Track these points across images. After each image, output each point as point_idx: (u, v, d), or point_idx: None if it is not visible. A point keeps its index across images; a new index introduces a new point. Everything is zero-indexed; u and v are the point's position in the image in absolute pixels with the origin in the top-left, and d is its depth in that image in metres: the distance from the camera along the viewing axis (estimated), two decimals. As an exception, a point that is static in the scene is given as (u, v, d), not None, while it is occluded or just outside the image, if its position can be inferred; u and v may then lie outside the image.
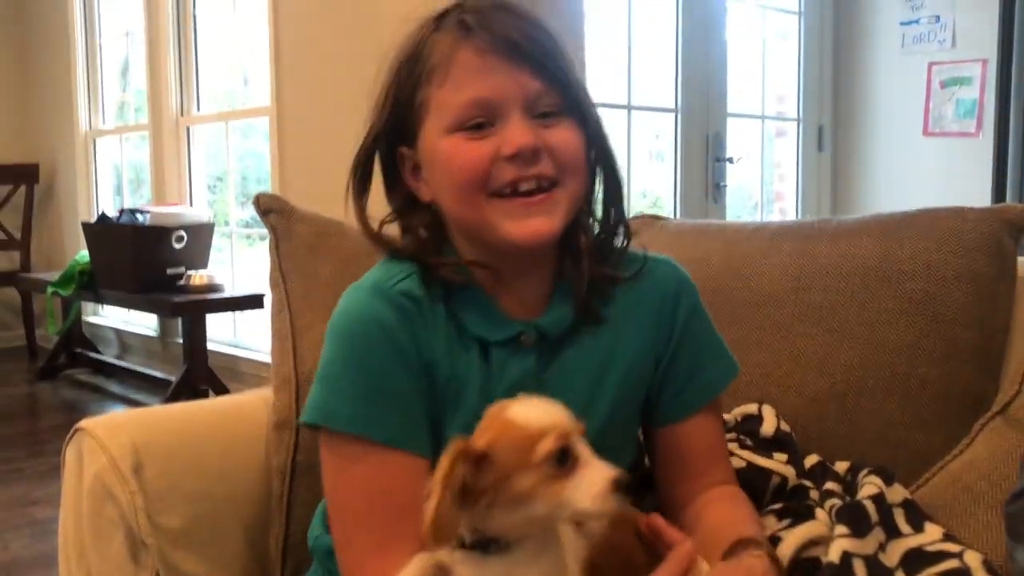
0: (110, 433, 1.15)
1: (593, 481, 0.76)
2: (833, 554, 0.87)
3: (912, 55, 4.11)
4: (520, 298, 0.96)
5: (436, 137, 0.91)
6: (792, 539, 0.94)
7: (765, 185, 4.40)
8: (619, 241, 1.01)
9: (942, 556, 0.89)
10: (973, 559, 0.87)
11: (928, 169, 4.01)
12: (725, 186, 4.00)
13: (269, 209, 1.38)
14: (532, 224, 0.90)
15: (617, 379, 0.97)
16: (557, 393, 0.85)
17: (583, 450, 0.78)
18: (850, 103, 4.35)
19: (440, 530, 0.73)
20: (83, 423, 1.18)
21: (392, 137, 0.96)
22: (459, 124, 0.89)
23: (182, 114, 4.53)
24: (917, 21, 4.10)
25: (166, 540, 1.11)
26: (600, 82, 3.56)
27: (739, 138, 4.11)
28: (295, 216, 1.39)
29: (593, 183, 0.98)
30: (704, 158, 3.91)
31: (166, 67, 4.47)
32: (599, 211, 1.00)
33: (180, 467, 1.16)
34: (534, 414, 0.78)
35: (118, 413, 1.23)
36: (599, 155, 0.97)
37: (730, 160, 3.99)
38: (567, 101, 0.91)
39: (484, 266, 0.94)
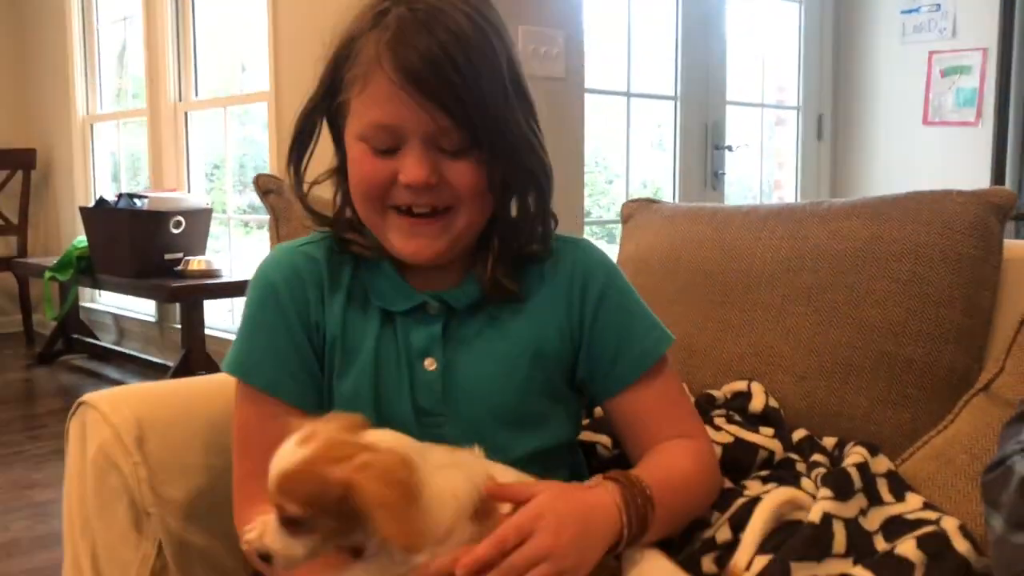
0: (113, 406, 1.19)
1: None
2: (814, 515, 0.91)
3: (912, 44, 4.14)
4: (427, 277, 1.02)
5: (351, 136, 0.96)
6: (771, 498, 0.98)
7: (764, 174, 4.44)
8: (539, 235, 1.03)
9: (920, 523, 0.93)
10: (950, 524, 0.91)
11: (928, 158, 4.05)
12: (724, 174, 4.03)
13: (268, 190, 1.41)
14: (416, 244, 0.96)
15: (529, 356, 1.01)
16: (462, 362, 0.97)
17: None
18: (850, 92, 4.38)
19: None
20: (86, 396, 1.21)
21: (326, 101, 1.00)
22: (366, 139, 0.94)
23: (180, 100, 4.56)
24: (918, 10, 4.13)
25: (168, 511, 1.15)
26: (599, 69, 3.59)
27: (739, 126, 4.15)
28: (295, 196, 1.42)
29: (515, 192, 1.00)
30: (703, 146, 3.95)
31: (164, 52, 4.50)
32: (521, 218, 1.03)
33: (182, 440, 1.19)
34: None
35: (121, 388, 1.26)
36: (519, 176, 0.97)
37: (729, 148, 4.03)
38: (473, 137, 0.92)
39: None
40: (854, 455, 1.01)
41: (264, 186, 1.40)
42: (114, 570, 1.15)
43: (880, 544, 0.92)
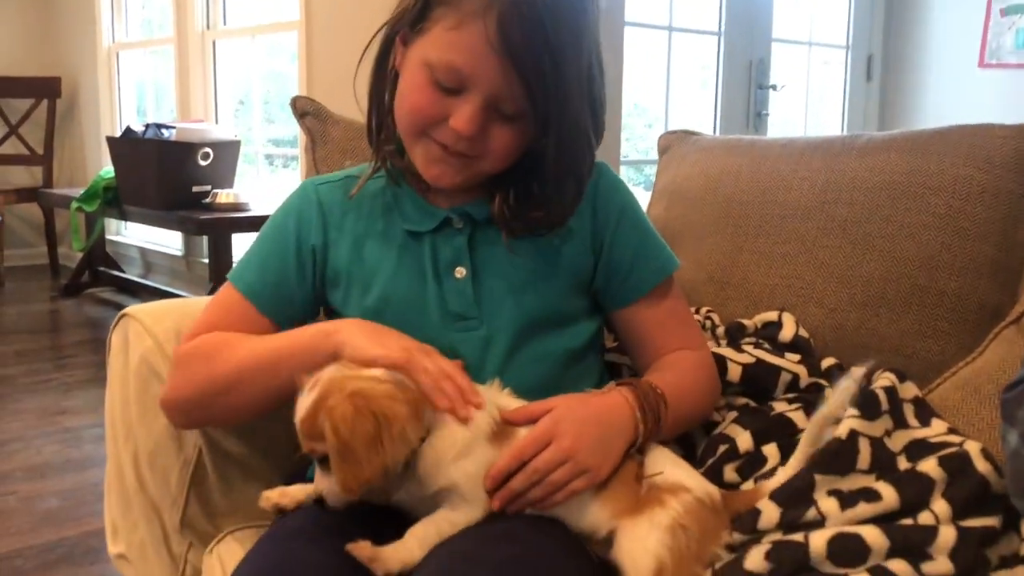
0: (154, 318, 1.27)
1: None
2: (841, 430, 0.97)
3: (971, -20, 4.08)
4: (449, 194, 1.10)
5: (416, 59, 1.01)
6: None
7: (809, 116, 4.42)
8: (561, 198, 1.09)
9: (944, 446, 0.98)
10: (972, 447, 0.96)
11: (983, 103, 4.01)
12: (767, 115, 4.03)
13: (305, 112, 1.47)
14: (439, 170, 1.05)
15: (554, 259, 1.11)
16: (491, 267, 1.08)
17: None
18: (902, 30, 4.33)
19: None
20: (128, 309, 1.29)
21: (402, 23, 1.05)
22: (433, 72, 0.99)
23: (208, 28, 4.60)
24: (979, -56, 4.06)
25: (208, 419, 1.23)
26: (640, 1, 3.58)
27: (784, 65, 4.12)
28: (331, 120, 1.49)
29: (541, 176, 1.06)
30: (747, 85, 3.95)
31: (192, -22, 4.53)
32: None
33: (220, 353, 1.27)
34: None
35: (162, 301, 1.34)
36: (560, 153, 1.02)
37: (773, 88, 4.02)
38: (535, 109, 0.98)
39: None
40: (882, 379, 1.06)
41: (302, 108, 1.46)
42: (156, 475, 1.24)
43: (903, 464, 0.98)
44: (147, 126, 4.12)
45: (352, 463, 0.85)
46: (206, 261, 4.36)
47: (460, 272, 1.09)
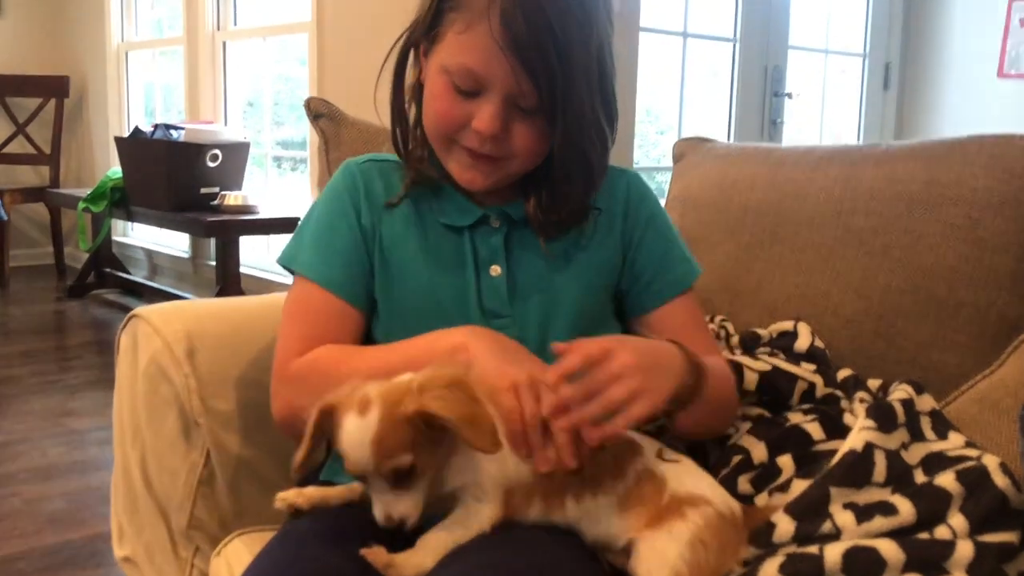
0: (164, 320, 1.27)
1: None
2: (857, 443, 0.97)
3: (991, -10, 4.08)
4: (487, 194, 1.13)
5: (436, 67, 1.06)
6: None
7: (825, 124, 4.42)
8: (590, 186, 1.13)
9: (961, 460, 0.98)
10: (990, 461, 0.96)
11: (1002, 114, 4.00)
12: (782, 123, 4.03)
13: (320, 114, 1.48)
14: (472, 174, 1.09)
15: (586, 262, 1.14)
16: (525, 268, 1.11)
17: None
18: (920, 39, 4.33)
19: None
20: (138, 310, 1.30)
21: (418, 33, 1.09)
22: (451, 77, 1.03)
23: (218, 28, 4.63)
24: (999, -48, 4.06)
25: (217, 422, 1.24)
26: (655, 7, 3.59)
27: (800, 72, 4.13)
28: (345, 122, 1.49)
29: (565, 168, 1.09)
30: (762, 92, 3.95)
31: (203, -22, 4.56)
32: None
33: (230, 355, 1.28)
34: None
35: (171, 303, 1.34)
36: (576, 151, 1.07)
37: (789, 96, 4.02)
38: (546, 108, 1.02)
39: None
40: (899, 391, 1.06)
41: (316, 110, 1.47)
42: (163, 477, 1.24)
43: (919, 478, 0.98)
44: (156, 126, 4.15)
45: (481, 421, 0.85)
46: (213, 264, 4.38)
47: (495, 270, 1.12)
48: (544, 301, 1.12)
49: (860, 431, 0.97)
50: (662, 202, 1.51)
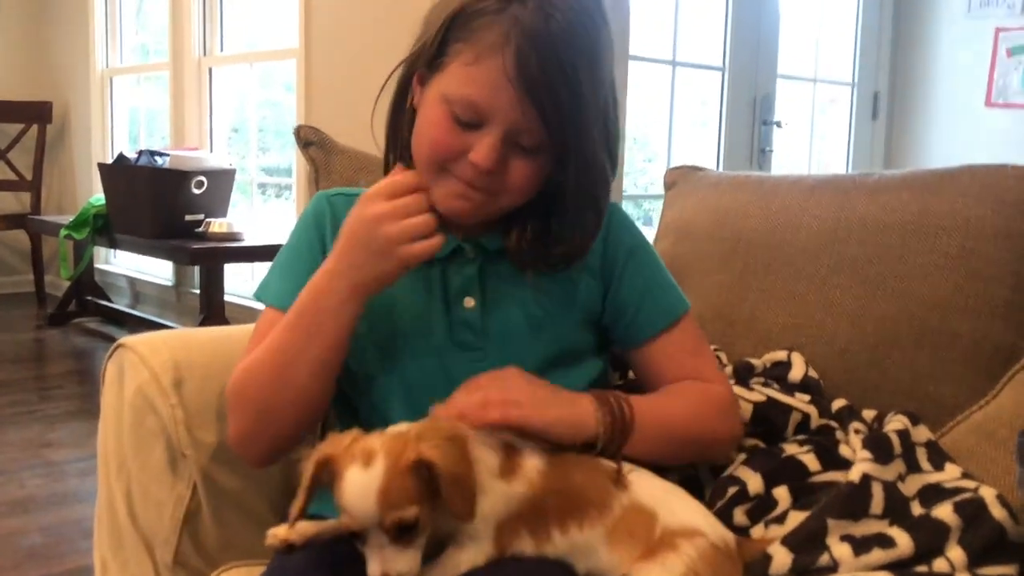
0: (151, 350, 1.27)
1: None
2: (854, 474, 0.97)
3: (978, 19, 4.14)
4: (462, 224, 1.11)
5: (435, 95, 1.04)
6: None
7: (814, 153, 4.45)
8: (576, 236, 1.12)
9: (958, 491, 0.98)
10: (988, 492, 0.96)
11: (990, 142, 4.05)
12: (771, 152, 4.06)
13: (309, 142, 1.48)
14: (460, 206, 1.06)
15: (564, 297, 1.13)
16: (501, 301, 1.10)
17: None
18: (909, 69, 4.38)
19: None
20: (124, 339, 1.29)
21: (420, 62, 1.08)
22: (452, 106, 1.02)
23: (204, 54, 4.64)
24: (985, -17, 4.12)
25: (204, 453, 1.23)
26: (644, 36, 3.63)
27: (788, 101, 4.16)
28: (335, 150, 1.50)
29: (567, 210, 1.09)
30: (751, 121, 3.98)
31: (189, 2, 4.57)
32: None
33: (218, 386, 1.26)
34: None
35: (158, 332, 1.34)
36: (578, 186, 1.06)
37: (778, 124, 4.05)
38: (553, 142, 1.02)
39: None
40: (895, 422, 1.07)
41: (306, 138, 1.47)
42: (149, 509, 1.23)
43: (917, 510, 0.98)
44: (140, 153, 4.15)
45: (465, 484, 0.87)
46: (197, 292, 4.36)
47: (469, 302, 1.11)
48: (520, 335, 1.11)
49: (857, 462, 0.98)
50: (652, 231, 1.52)
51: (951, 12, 4.23)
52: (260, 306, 1.20)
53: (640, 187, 4.28)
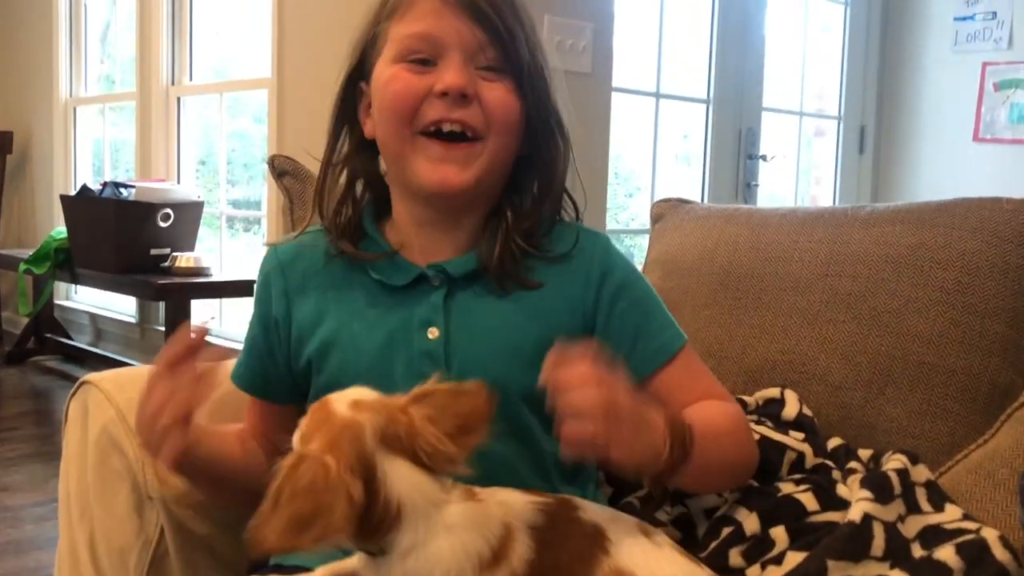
0: (117, 387, 1.25)
1: None
2: (854, 514, 0.97)
3: (965, 53, 4.21)
4: (425, 249, 1.10)
5: (383, 67, 1.06)
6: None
7: (800, 187, 4.50)
8: (548, 212, 1.13)
9: (960, 532, 0.98)
10: (990, 534, 0.96)
11: (977, 177, 4.10)
12: (757, 186, 4.10)
13: (284, 171, 1.48)
14: (443, 171, 1.04)
15: (536, 333, 1.06)
16: (466, 332, 1.06)
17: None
18: (895, 103, 4.45)
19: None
20: (89, 376, 1.28)
21: (355, 74, 1.11)
22: (403, 55, 1.04)
23: (173, 83, 4.64)
24: (972, 17, 4.20)
25: (171, 496, 1.21)
26: (625, 67, 3.66)
27: (774, 135, 4.21)
28: (310, 180, 1.49)
29: (533, 153, 1.11)
30: (736, 155, 4.02)
31: (158, 29, 4.57)
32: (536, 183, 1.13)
33: (187, 425, 1.25)
34: None
35: (125, 368, 1.33)
36: (541, 121, 1.09)
37: (763, 158, 4.10)
38: (510, 61, 1.04)
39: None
40: (894, 461, 1.07)
41: (280, 167, 1.47)
42: (113, 556, 1.21)
43: (918, 551, 0.98)
44: (104, 184, 4.12)
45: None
46: (162, 329, 4.33)
47: (432, 332, 1.06)
48: (487, 367, 1.03)
49: (857, 502, 0.98)
50: (636, 266, 1.52)
51: (938, 46, 4.30)
52: (229, 343, 1.21)
53: (621, 222, 4.30)
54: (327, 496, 0.77)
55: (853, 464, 1.15)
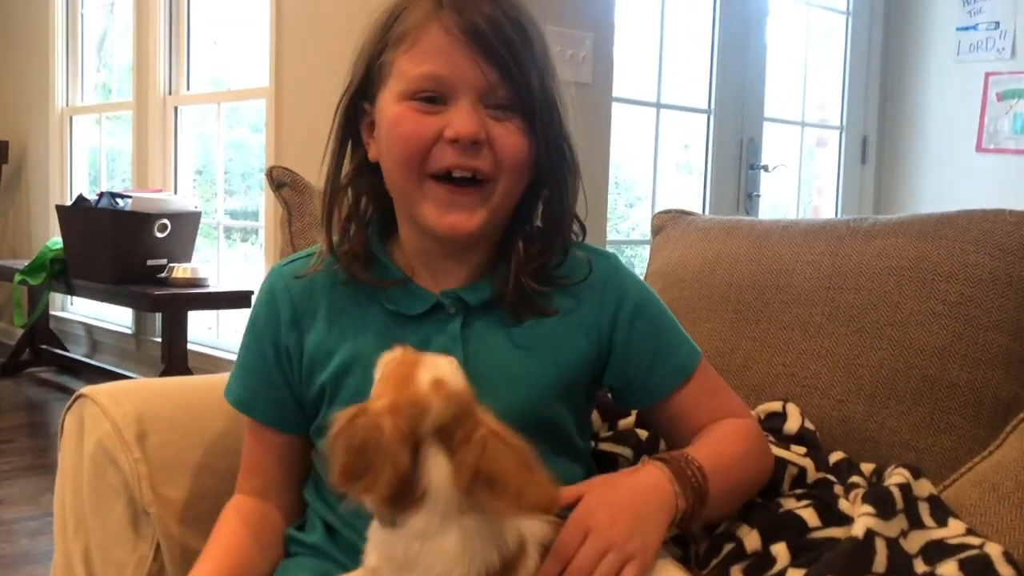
0: (113, 401, 1.25)
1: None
2: (857, 529, 0.97)
3: (967, 63, 4.22)
4: (437, 276, 1.09)
5: (390, 102, 1.03)
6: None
7: (802, 198, 4.50)
8: (559, 245, 1.11)
9: (963, 548, 0.98)
10: (994, 550, 0.96)
11: (981, 188, 4.11)
12: (758, 196, 4.10)
13: (282, 183, 1.48)
14: (452, 218, 1.02)
15: (552, 360, 1.08)
16: (484, 361, 1.04)
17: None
18: (898, 113, 4.45)
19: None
20: (85, 389, 1.28)
21: (358, 93, 1.09)
22: (412, 93, 1.01)
23: (170, 93, 4.65)
24: (975, 27, 4.21)
25: (168, 511, 1.21)
26: (628, 77, 3.67)
27: (776, 145, 4.22)
28: (309, 191, 1.50)
29: (544, 186, 1.10)
30: (737, 165, 4.03)
31: (155, 38, 4.58)
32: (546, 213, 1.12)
33: (183, 439, 1.26)
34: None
35: (122, 382, 1.32)
36: (551, 155, 1.06)
37: (765, 168, 4.10)
38: (522, 100, 1.01)
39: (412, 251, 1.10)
40: (896, 476, 1.07)
41: (278, 178, 1.47)
42: (108, 571, 1.21)
43: (920, 567, 0.98)
44: (101, 195, 4.13)
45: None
46: (158, 340, 4.32)
47: None
48: (504, 399, 1.01)
49: (860, 517, 0.98)
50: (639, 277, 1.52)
51: (940, 56, 4.31)
52: (226, 355, 1.20)
53: (622, 232, 4.31)
54: (377, 457, 0.81)
55: (855, 479, 1.15)
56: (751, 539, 1.06)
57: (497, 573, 0.87)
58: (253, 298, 1.17)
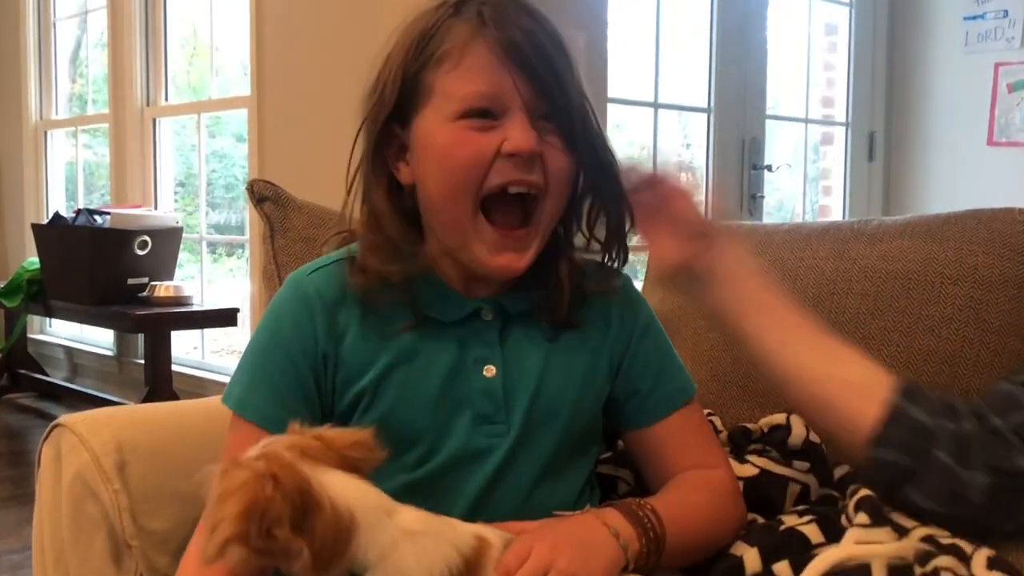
0: (92, 430, 1.26)
1: None
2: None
3: (976, 54, 4.22)
4: (471, 287, 1.11)
5: (437, 124, 1.04)
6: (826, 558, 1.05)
7: (808, 198, 4.51)
8: (620, 254, 1.16)
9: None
10: (979, 556, 0.96)
11: (992, 182, 4.11)
12: (762, 197, 4.10)
13: (264, 197, 1.49)
14: (504, 259, 1.06)
15: (582, 371, 1.14)
16: (523, 369, 1.09)
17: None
18: (905, 107, 4.46)
19: None
20: (62, 419, 1.28)
21: (388, 115, 1.08)
22: (465, 112, 1.02)
23: (148, 104, 4.65)
24: (983, 16, 4.22)
25: (150, 543, 1.21)
26: (623, 76, 3.68)
27: (779, 144, 4.22)
28: (292, 205, 1.51)
29: (581, 205, 1.13)
30: (739, 165, 4.03)
31: (131, 49, 4.59)
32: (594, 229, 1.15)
33: (165, 467, 1.26)
34: None
35: (100, 410, 1.33)
36: (594, 165, 1.10)
37: (769, 168, 4.10)
38: (560, 114, 1.04)
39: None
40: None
41: (260, 193, 1.48)
42: (90, 608, 1.21)
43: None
44: (78, 211, 4.14)
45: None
46: (141, 362, 4.33)
47: (489, 371, 1.09)
48: (538, 408, 1.10)
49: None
50: (636, 286, 1.53)
51: (948, 47, 4.32)
52: (212, 376, 1.20)
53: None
54: (260, 489, 0.80)
55: (862, 493, 1.15)
56: (751, 558, 1.05)
57: (462, 571, 0.89)
58: (245, 314, 1.16)
